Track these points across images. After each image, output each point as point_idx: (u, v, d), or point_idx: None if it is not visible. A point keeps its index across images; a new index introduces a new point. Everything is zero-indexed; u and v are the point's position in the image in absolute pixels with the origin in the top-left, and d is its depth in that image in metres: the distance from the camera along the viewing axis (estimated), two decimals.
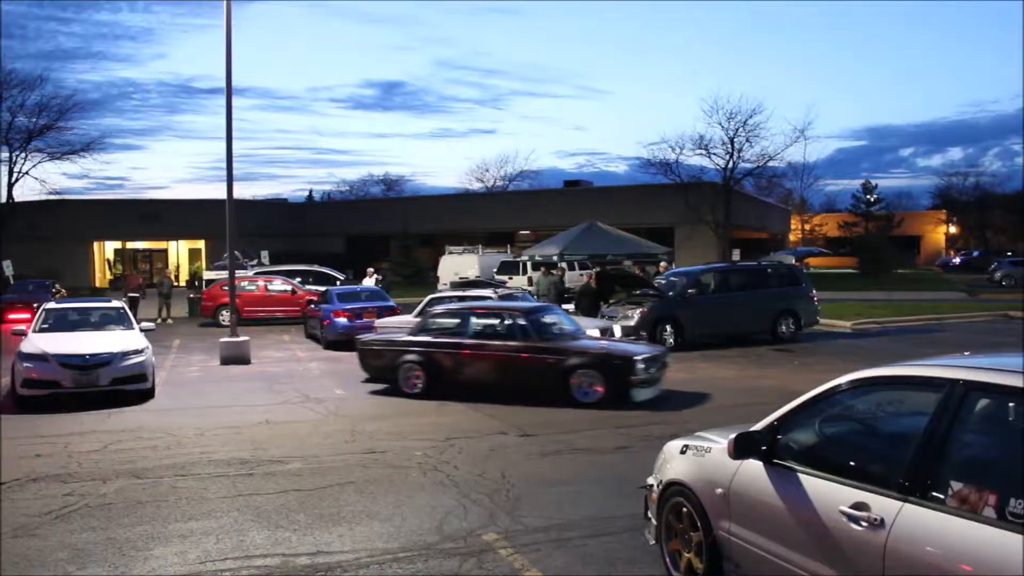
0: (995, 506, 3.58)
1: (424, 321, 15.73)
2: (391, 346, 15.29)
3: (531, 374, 13.90)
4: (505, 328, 14.42)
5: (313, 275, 34.00)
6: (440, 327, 15.21)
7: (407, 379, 14.78)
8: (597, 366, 13.43)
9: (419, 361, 14.72)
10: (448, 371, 14.64)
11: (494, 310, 15.32)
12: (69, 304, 18.07)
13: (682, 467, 5.85)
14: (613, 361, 13.43)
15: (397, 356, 14.93)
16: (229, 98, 20.36)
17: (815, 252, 69.60)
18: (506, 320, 14.54)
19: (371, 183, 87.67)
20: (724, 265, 26.78)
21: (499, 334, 14.41)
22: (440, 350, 14.70)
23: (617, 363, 13.34)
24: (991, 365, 4.12)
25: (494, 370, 14.24)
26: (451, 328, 15.05)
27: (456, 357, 14.57)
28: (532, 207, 58.34)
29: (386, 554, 6.79)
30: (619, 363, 13.32)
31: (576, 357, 13.63)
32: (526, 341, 14.01)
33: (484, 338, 14.48)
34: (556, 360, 13.68)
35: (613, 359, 13.47)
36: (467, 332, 14.68)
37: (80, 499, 8.59)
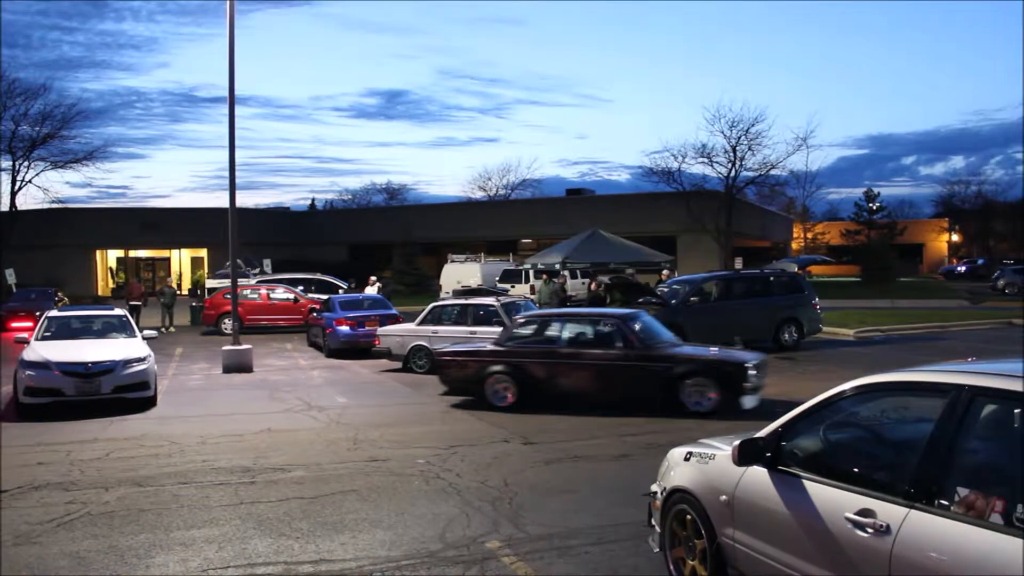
0: (1002, 512, 3.56)
1: (511, 329, 15.02)
2: (475, 357, 14.63)
3: (635, 383, 13.40)
4: (604, 335, 13.96)
5: (315, 283, 34.06)
6: (529, 336, 14.68)
7: (495, 391, 14.10)
8: (710, 374, 12.99)
9: (509, 372, 14.05)
10: (541, 382, 14.02)
11: (589, 316, 14.93)
12: (71, 312, 18.08)
13: (686, 474, 5.83)
14: (726, 368, 13.00)
15: (483, 367, 14.25)
16: (232, 107, 20.41)
17: (818, 260, 69.60)
18: (604, 327, 14.09)
19: (373, 192, 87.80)
20: (727, 273, 26.79)
21: (598, 342, 13.93)
22: (532, 360, 14.11)
23: (730, 370, 12.93)
24: (997, 371, 4.10)
25: (593, 380, 13.71)
26: (542, 336, 14.54)
27: (550, 367, 14.01)
28: (534, 216, 58.36)
29: (389, 562, 6.76)
30: (732, 370, 12.91)
31: (685, 365, 13.16)
32: (629, 349, 13.50)
33: (580, 346, 13.97)
34: (664, 368, 13.17)
35: (726, 366, 13.04)
36: (561, 340, 14.18)
37: (82, 507, 8.57)
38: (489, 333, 18.12)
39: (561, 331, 14.33)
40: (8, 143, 50.17)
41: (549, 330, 14.57)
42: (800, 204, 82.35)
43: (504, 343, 14.58)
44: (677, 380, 13.05)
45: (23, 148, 50.92)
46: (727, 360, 13.21)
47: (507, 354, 14.28)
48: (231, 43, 20.05)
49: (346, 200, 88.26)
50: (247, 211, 58.68)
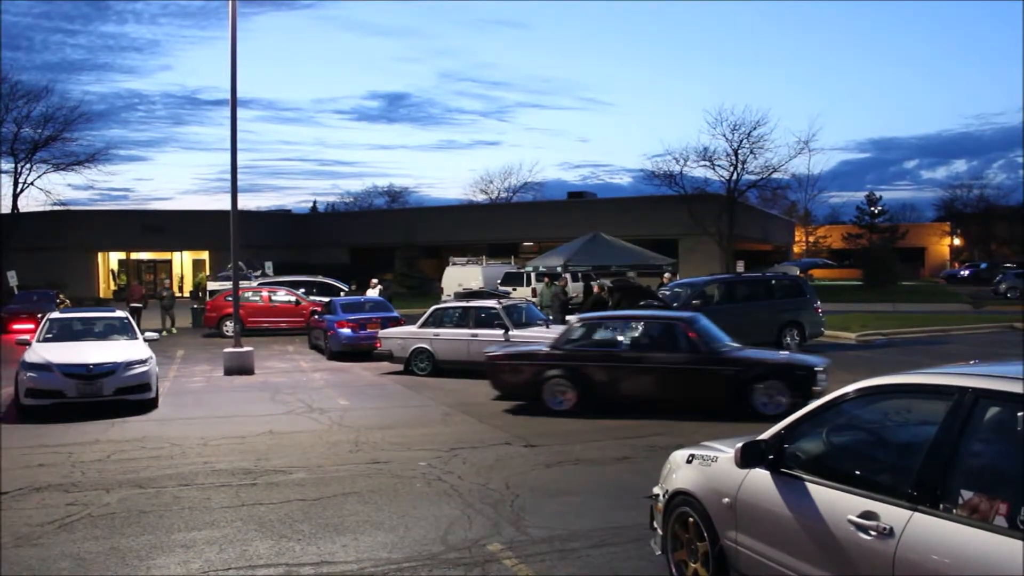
0: (1006, 515, 3.54)
1: (569, 332, 14.56)
2: (532, 360, 14.31)
3: (703, 387, 13.18)
4: (668, 338, 13.80)
5: (317, 286, 34.06)
6: (589, 338, 14.39)
7: (554, 396, 13.82)
8: (782, 377, 12.86)
9: (568, 376, 13.77)
10: (602, 386, 13.73)
11: (651, 319, 14.71)
12: (73, 314, 18.08)
13: (688, 476, 5.81)
14: (797, 372, 12.90)
15: (540, 371, 13.96)
16: (234, 110, 20.41)
17: (819, 264, 69.57)
18: (668, 329, 13.94)
19: (375, 194, 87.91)
20: (729, 276, 26.79)
21: (661, 344, 13.75)
22: (593, 363, 13.82)
23: (802, 373, 12.82)
24: (1001, 373, 4.09)
25: (658, 383, 13.46)
26: (603, 339, 14.33)
27: (612, 371, 13.72)
28: (536, 219, 58.38)
29: (390, 564, 6.75)
30: (804, 373, 12.79)
31: (756, 368, 13.03)
32: (695, 352, 13.33)
33: (644, 349, 13.76)
34: (734, 372, 13.01)
35: (798, 369, 12.93)
36: (622, 343, 13.96)
37: (83, 508, 8.56)
38: (491, 335, 18.15)
39: (622, 333, 14.10)
40: (10, 145, 50.21)
41: (609, 333, 14.36)
42: (802, 208, 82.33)
43: (562, 346, 14.20)
44: (748, 384, 12.93)
45: (25, 150, 50.95)
46: (798, 363, 13.17)
47: (566, 357, 13.97)
48: (233, 46, 20.07)
49: (348, 203, 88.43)
50: (249, 214, 58.84)
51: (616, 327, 14.43)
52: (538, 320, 19.41)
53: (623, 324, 14.45)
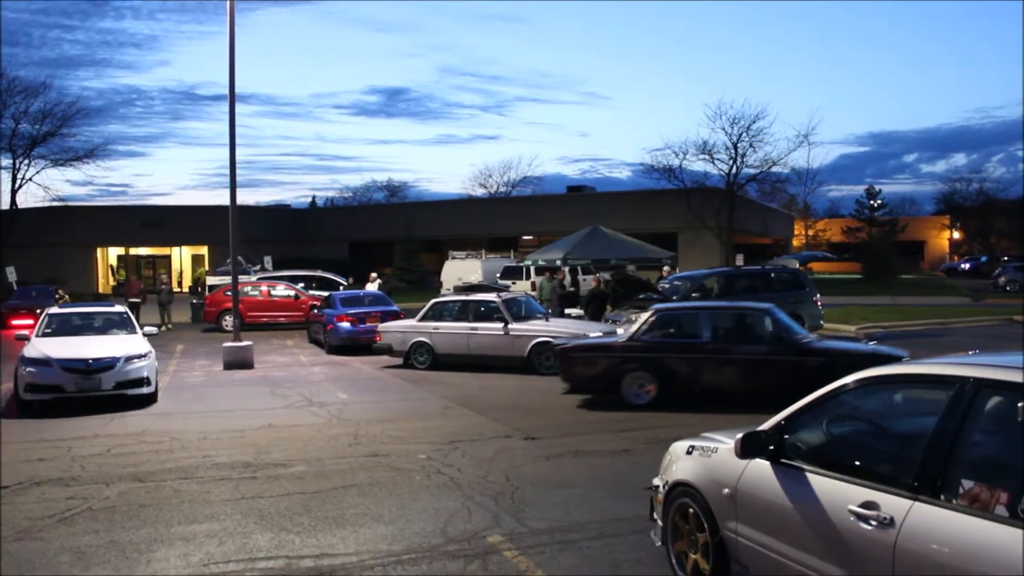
0: (1007, 504, 3.54)
1: (645, 323, 14.03)
2: (608, 352, 14.01)
3: (787, 378, 12.62)
4: (751, 329, 13.69)
5: (316, 280, 34.04)
6: (668, 330, 14.11)
7: (634, 389, 13.53)
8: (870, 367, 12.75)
9: (648, 368, 13.49)
10: (684, 378, 13.47)
11: (732, 310, 14.58)
12: (72, 309, 18.07)
13: (688, 468, 5.81)
14: (886, 362, 12.85)
15: (618, 364, 13.66)
16: (232, 105, 20.39)
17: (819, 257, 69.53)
18: (750, 320, 13.79)
19: (374, 189, 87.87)
20: (728, 269, 26.77)
21: (744, 336, 13.63)
22: (674, 355, 13.55)
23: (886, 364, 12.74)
24: (1002, 363, 4.07)
25: (742, 375, 13.25)
26: (681, 331, 14.08)
27: (694, 363, 13.47)
28: (535, 212, 58.36)
29: (390, 556, 6.74)
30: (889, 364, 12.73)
31: (844, 359, 12.55)
32: (778, 343, 13.14)
33: (726, 341, 13.57)
34: (819, 363, 12.64)
35: (881, 360, 12.55)
36: (703, 335, 13.66)
37: (83, 502, 8.56)
38: (490, 329, 18.16)
39: (703, 324, 13.86)
40: (8, 141, 50.24)
41: (689, 324, 14.13)
42: (801, 201, 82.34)
43: (639, 337, 13.82)
44: (834, 375, 12.78)
45: (23, 146, 50.96)
46: (883, 354, 12.95)
47: (644, 349, 13.69)
48: (231, 41, 20.03)
49: (347, 198, 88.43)
50: (248, 209, 58.77)
51: (694, 318, 14.20)
52: (538, 313, 19.40)
53: (701, 315, 14.22)
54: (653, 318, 14.09)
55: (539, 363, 17.52)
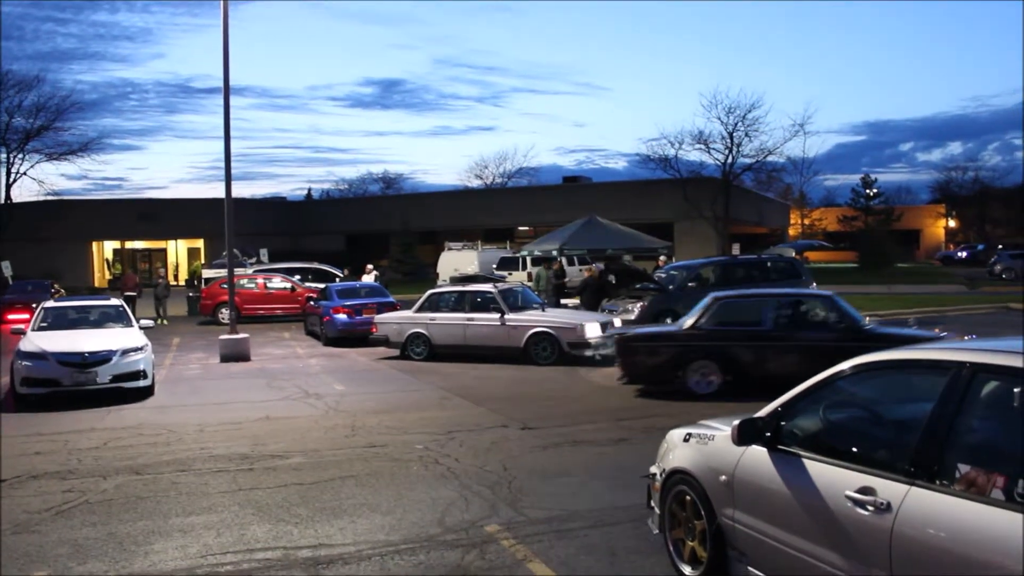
0: (1003, 488, 3.54)
1: (706, 311, 13.82)
2: (671, 341, 13.76)
3: None
4: (813, 316, 13.59)
5: (312, 272, 34.02)
6: (728, 318, 13.81)
7: (699, 378, 13.31)
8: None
9: (714, 357, 13.28)
10: (748, 367, 13.23)
11: (792, 297, 14.35)
12: (68, 303, 18.04)
13: (685, 455, 5.81)
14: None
15: (682, 353, 13.42)
16: (227, 98, 20.31)
17: (815, 246, 69.59)
18: (812, 308, 13.69)
19: (370, 181, 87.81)
20: (724, 258, 26.77)
21: (807, 323, 13.48)
22: (738, 343, 13.34)
23: None
24: (998, 348, 4.07)
25: (807, 362, 12.99)
26: (743, 319, 13.83)
27: (758, 351, 13.22)
28: (531, 203, 58.34)
29: (388, 546, 6.74)
30: None
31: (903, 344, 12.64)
32: (841, 330, 12.95)
33: (790, 328, 13.31)
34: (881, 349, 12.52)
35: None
36: (766, 322, 13.48)
37: (80, 495, 8.55)
38: (486, 319, 18.16)
39: (765, 312, 13.73)
40: (2, 135, 50.15)
41: (750, 311, 13.99)
42: (797, 190, 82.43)
43: (701, 326, 13.65)
44: None
45: (17, 140, 51.00)
46: (927, 338, 12.72)
47: (708, 337, 13.48)
48: (225, 33, 19.95)
49: (343, 190, 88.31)
50: (244, 201, 58.68)
51: (756, 306, 14.07)
52: (534, 304, 19.40)
53: (763, 303, 14.10)
54: (712, 306, 13.86)
55: (536, 353, 17.53)
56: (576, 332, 17.24)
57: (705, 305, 13.97)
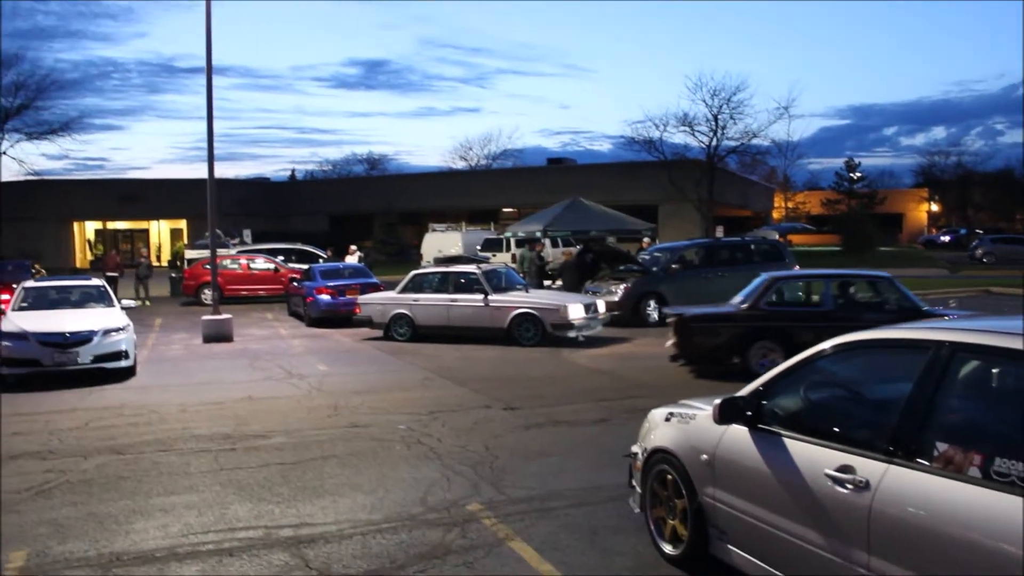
0: (980, 466, 3.56)
1: (765, 291, 13.72)
2: (732, 322, 13.64)
3: None
4: (873, 297, 13.56)
5: (295, 253, 33.90)
6: (788, 298, 13.88)
7: (758, 358, 13.15)
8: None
9: (776, 337, 13.15)
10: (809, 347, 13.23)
11: (851, 278, 14.26)
12: (49, 283, 17.89)
13: (667, 434, 5.83)
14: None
15: (745, 333, 13.40)
16: (209, 77, 20.15)
17: (799, 228, 69.84)
18: (872, 288, 13.63)
19: (354, 162, 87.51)
20: (708, 240, 26.82)
21: (867, 303, 13.49)
22: (800, 324, 13.09)
23: None
24: (977, 327, 4.10)
25: None
26: (803, 299, 13.97)
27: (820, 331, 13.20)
28: (515, 185, 58.30)
29: (369, 525, 6.75)
30: None
31: None
32: (903, 311, 12.62)
33: (851, 309, 13.30)
34: None
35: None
36: (826, 302, 13.43)
37: (61, 475, 8.51)
38: (470, 300, 18.14)
39: (825, 292, 13.69)
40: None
41: (809, 291, 14.00)
42: (781, 174, 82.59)
43: (761, 306, 13.58)
44: None
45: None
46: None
47: (768, 317, 13.42)
48: (208, 12, 19.75)
49: (327, 171, 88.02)
50: (227, 182, 58.35)
51: (817, 285, 14.08)
52: (518, 285, 19.39)
53: (822, 283, 14.09)
54: (771, 286, 13.85)
55: (519, 334, 17.53)
56: (559, 313, 17.24)
57: (762, 286, 13.97)
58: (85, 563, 6.10)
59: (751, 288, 14.20)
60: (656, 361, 14.62)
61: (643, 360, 15.57)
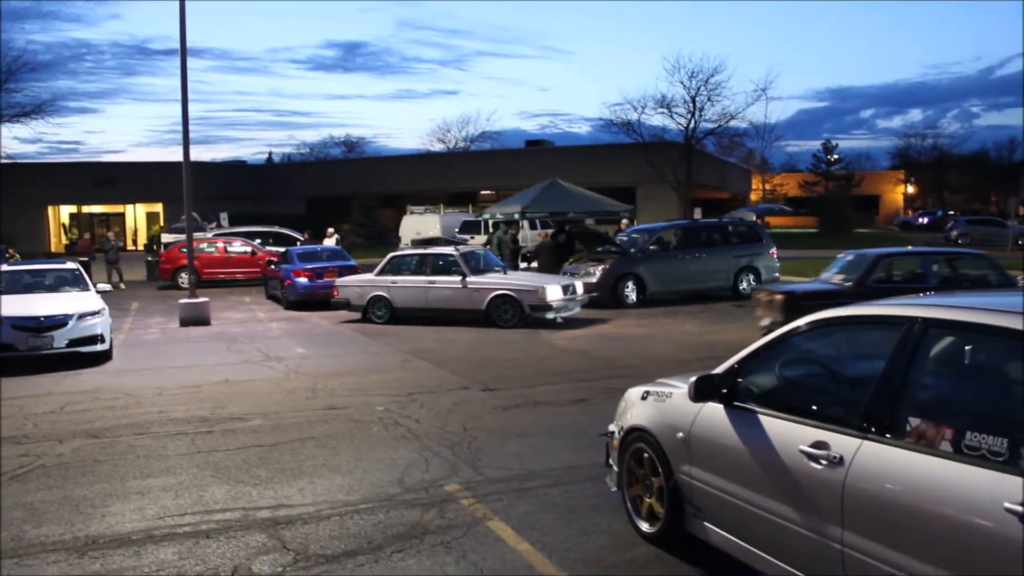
0: (952, 440, 3.59)
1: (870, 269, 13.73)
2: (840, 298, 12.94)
3: None
4: (974, 274, 13.44)
5: (273, 236, 33.73)
6: (893, 275, 13.84)
7: None
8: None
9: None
10: None
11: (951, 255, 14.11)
12: (22, 266, 17.71)
13: (643, 413, 5.84)
14: None
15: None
16: (184, 59, 19.94)
17: (776, 210, 70.09)
18: (972, 266, 13.50)
19: (332, 145, 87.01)
20: (686, 222, 26.89)
21: (970, 281, 13.39)
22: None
23: None
24: (949, 303, 4.12)
25: None
26: (907, 276, 13.81)
27: None
28: (494, 167, 58.19)
29: (347, 506, 6.74)
30: None
31: None
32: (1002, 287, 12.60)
33: (954, 285, 13.24)
34: None
35: None
36: (931, 279, 13.40)
37: (36, 459, 8.44)
38: (448, 282, 18.12)
39: (929, 269, 13.67)
40: None
41: (914, 268, 13.96)
42: (759, 156, 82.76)
43: (869, 283, 13.59)
44: None
45: None
46: None
47: (877, 294, 13.34)
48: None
49: (304, 154, 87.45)
50: (203, 165, 57.87)
51: (919, 262, 14.05)
52: (496, 267, 19.36)
53: (925, 260, 14.06)
54: (877, 263, 13.93)
55: (497, 316, 17.54)
56: (538, 295, 17.24)
57: (869, 262, 14.04)
58: (61, 546, 6.07)
59: (845, 264, 14.41)
60: (634, 341, 14.66)
61: (621, 341, 15.62)
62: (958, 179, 78.76)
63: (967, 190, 78.79)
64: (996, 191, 74.32)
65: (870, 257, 14.24)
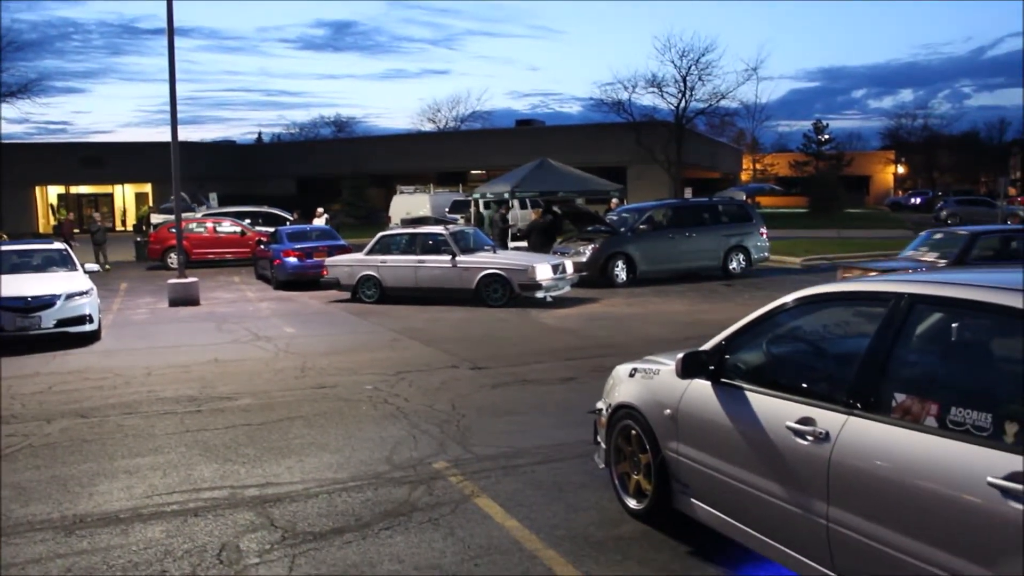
0: (936, 416, 3.60)
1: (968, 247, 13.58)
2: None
3: None
4: None
5: (262, 216, 33.62)
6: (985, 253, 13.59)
7: None
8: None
9: None
10: None
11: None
12: (9, 247, 17.61)
13: (631, 390, 5.85)
14: None
15: None
16: (171, 37, 19.80)
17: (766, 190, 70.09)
18: None
19: (321, 125, 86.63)
20: (676, 201, 26.89)
21: None
22: None
23: None
24: (935, 279, 4.12)
25: None
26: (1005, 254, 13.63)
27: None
28: (484, 147, 58.06)
29: (335, 484, 6.75)
30: None
31: None
32: None
33: None
34: None
35: None
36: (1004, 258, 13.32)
37: (23, 439, 8.42)
38: (438, 261, 18.10)
39: (1000, 248, 13.58)
40: None
41: (1008, 246, 13.85)
42: (750, 136, 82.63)
43: (967, 261, 13.38)
44: None
45: None
46: None
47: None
48: None
49: (294, 134, 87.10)
50: (192, 145, 57.62)
51: (1012, 241, 13.94)
52: (485, 246, 19.34)
53: (996, 238, 13.97)
54: (974, 241, 13.72)
55: (487, 295, 17.53)
56: (527, 274, 17.23)
57: (966, 241, 13.91)
58: (48, 525, 6.06)
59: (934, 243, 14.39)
60: (623, 320, 14.67)
61: (610, 320, 15.63)
62: (948, 159, 78.95)
63: (957, 170, 79.01)
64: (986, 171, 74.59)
65: (968, 236, 14.08)
